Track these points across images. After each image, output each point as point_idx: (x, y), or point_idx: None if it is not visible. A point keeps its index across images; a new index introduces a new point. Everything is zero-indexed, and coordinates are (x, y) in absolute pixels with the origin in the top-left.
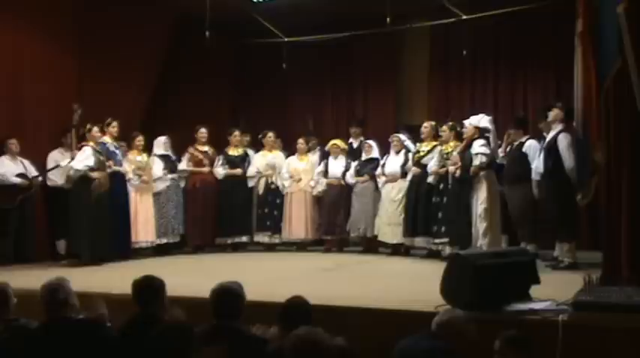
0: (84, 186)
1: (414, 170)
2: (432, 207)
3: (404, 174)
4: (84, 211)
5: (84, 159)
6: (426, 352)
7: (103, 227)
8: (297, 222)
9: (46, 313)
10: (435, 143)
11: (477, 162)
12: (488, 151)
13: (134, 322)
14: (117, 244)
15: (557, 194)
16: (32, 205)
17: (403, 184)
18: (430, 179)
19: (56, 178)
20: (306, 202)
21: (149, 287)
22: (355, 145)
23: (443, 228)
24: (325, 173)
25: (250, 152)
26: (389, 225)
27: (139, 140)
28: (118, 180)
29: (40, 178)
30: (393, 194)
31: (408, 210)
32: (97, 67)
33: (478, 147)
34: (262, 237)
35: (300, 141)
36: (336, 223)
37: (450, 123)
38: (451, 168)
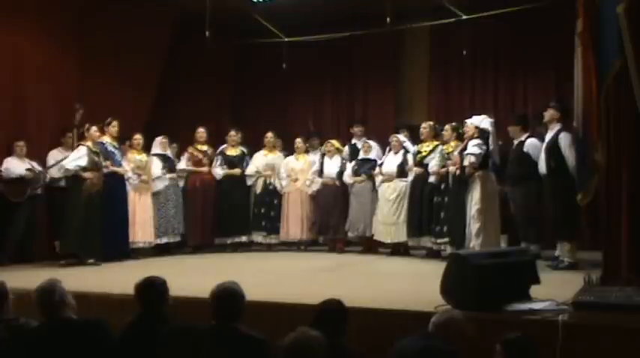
0: (76, 186)
1: (415, 170)
2: (434, 207)
3: (400, 174)
4: (73, 210)
5: (77, 158)
6: (425, 352)
7: (92, 227)
8: (294, 222)
9: (45, 316)
10: (436, 143)
11: (466, 162)
12: (479, 151)
13: (138, 322)
14: (115, 244)
15: (560, 193)
16: (39, 202)
17: (399, 184)
18: (432, 179)
19: (55, 176)
20: (303, 202)
21: (152, 287)
22: (359, 145)
23: (444, 228)
24: (320, 172)
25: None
26: (384, 225)
27: (136, 138)
28: (116, 181)
29: (47, 171)
30: (388, 194)
31: (412, 211)
32: (98, 67)
33: (471, 147)
34: (257, 237)
35: (298, 140)
36: (329, 223)
37: (454, 123)
38: (451, 168)
